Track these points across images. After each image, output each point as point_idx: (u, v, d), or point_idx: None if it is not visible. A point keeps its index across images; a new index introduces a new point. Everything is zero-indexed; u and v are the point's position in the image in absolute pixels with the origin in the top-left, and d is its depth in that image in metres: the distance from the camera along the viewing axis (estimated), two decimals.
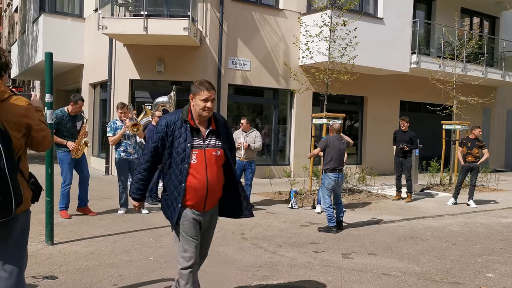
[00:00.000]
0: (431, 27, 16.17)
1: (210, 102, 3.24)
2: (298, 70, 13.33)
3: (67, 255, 5.12)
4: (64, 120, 6.95)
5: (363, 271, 5.03)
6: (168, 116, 3.34)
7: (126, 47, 12.54)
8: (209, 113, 3.27)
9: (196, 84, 3.30)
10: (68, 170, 7.02)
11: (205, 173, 3.21)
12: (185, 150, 3.18)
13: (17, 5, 21.17)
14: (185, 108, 3.35)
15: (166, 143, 3.24)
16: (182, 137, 3.21)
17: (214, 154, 3.26)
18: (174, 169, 3.21)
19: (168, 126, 3.24)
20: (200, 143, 3.25)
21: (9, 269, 2.68)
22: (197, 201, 3.24)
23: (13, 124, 2.62)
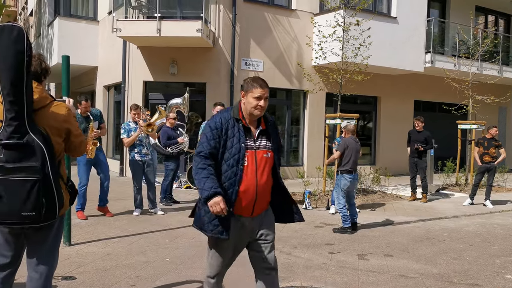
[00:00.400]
0: (446, 25, 16.02)
1: (263, 100, 3.04)
2: (311, 70, 13.29)
3: (85, 256, 5.17)
4: (78, 121, 7.02)
5: (379, 273, 5.00)
6: (220, 113, 3.14)
7: (140, 49, 12.63)
8: (261, 112, 3.07)
9: (248, 80, 3.12)
10: (84, 171, 7.10)
11: (255, 176, 3.02)
12: (239, 151, 2.99)
13: (32, 8, 21.44)
14: (235, 106, 3.15)
15: (221, 141, 3.02)
16: (236, 137, 3.02)
17: (264, 156, 3.08)
18: (225, 171, 2.99)
19: (223, 124, 3.04)
20: (251, 144, 3.07)
21: (41, 270, 2.73)
22: (245, 205, 3.03)
23: (54, 129, 2.70)
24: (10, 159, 2.51)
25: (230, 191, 2.97)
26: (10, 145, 2.51)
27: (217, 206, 2.86)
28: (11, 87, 2.50)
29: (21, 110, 2.53)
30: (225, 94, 12.50)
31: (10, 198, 2.51)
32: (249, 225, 3.10)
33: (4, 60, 2.49)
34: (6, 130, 2.52)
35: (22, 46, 2.50)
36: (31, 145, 2.54)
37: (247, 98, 3.06)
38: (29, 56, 2.55)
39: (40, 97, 2.70)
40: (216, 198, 2.86)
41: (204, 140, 3.05)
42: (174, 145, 8.66)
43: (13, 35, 2.49)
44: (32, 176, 2.51)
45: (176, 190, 10.06)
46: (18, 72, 2.50)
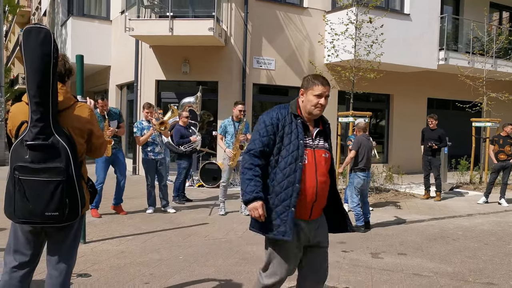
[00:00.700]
0: (459, 22, 15.84)
1: (324, 98, 2.91)
2: (323, 68, 13.24)
3: (99, 254, 5.22)
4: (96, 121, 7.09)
5: (393, 271, 4.97)
6: (276, 109, 2.99)
7: (152, 48, 12.69)
8: (321, 111, 2.94)
9: (309, 78, 2.98)
10: (102, 169, 7.16)
11: (315, 176, 2.88)
12: (298, 148, 2.84)
13: (46, 9, 21.66)
14: (293, 103, 3.02)
15: (276, 137, 2.89)
16: (294, 134, 2.87)
17: (323, 156, 2.95)
18: (283, 168, 2.84)
19: (279, 119, 2.91)
20: (310, 142, 2.93)
21: (61, 268, 2.77)
22: (304, 207, 2.88)
23: (78, 130, 2.74)
24: (36, 159, 2.54)
25: (289, 189, 2.82)
26: (36, 146, 2.54)
27: (256, 211, 2.78)
28: (37, 89, 2.53)
29: (47, 111, 2.56)
30: (237, 92, 12.51)
31: (34, 198, 2.54)
32: (306, 229, 2.94)
33: (31, 62, 2.52)
34: (31, 131, 2.55)
35: (49, 48, 2.53)
36: (56, 146, 2.57)
37: (306, 96, 2.94)
38: (56, 58, 2.58)
39: (65, 98, 2.73)
40: (255, 203, 2.78)
41: (256, 136, 2.91)
42: (187, 143, 8.69)
43: (40, 37, 2.51)
44: (57, 177, 2.55)
45: (188, 188, 10.11)
46: (44, 74, 2.53)
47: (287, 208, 2.81)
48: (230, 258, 5.24)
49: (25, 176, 2.54)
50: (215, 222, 7.09)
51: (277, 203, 2.84)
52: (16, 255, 2.74)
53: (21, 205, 2.56)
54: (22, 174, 2.54)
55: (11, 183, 2.58)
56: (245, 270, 4.80)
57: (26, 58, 2.53)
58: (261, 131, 2.90)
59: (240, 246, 5.75)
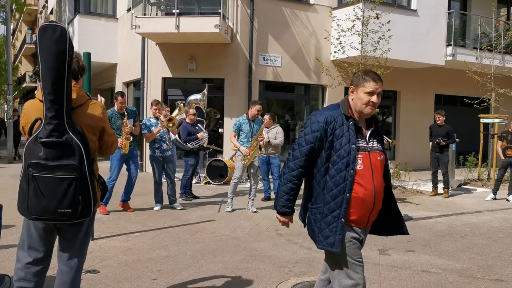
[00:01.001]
0: (467, 18, 15.73)
1: (376, 96, 2.70)
2: (330, 65, 13.19)
3: (107, 250, 5.24)
4: (114, 118, 7.14)
5: (401, 268, 4.95)
6: (326, 111, 2.78)
7: (158, 45, 12.70)
8: (373, 110, 2.73)
9: (359, 74, 2.77)
10: (117, 167, 7.19)
11: (372, 181, 2.68)
12: (349, 153, 2.64)
13: (53, 7, 21.74)
14: (343, 102, 2.81)
15: (325, 143, 2.68)
16: (345, 137, 2.66)
17: (378, 158, 2.76)
18: (333, 176, 2.65)
19: (328, 123, 2.69)
20: (364, 145, 2.73)
21: (72, 264, 2.78)
22: (362, 214, 2.70)
23: (90, 128, 2.75)
24: (50, 157, 2.55)
25: (339, 199, 2.64)
26: (50, 143, 2.55)
27: (281, 223, 2.94)
28: (52, 87, 2.54)
29: (61, 109, 2.57)
30: (244, 89, 12.50)
31: (48, 195, 2.56)
32: (363, 237, 2.79)
33: (46, 60, 2.53)
34: (46, 128, 2.56)
35: (64, 46, 2.54)
36: (70, 144, 2.58)
37: (357, 94, 2.73)
38: (71, 56, 2.59)
39: (78, 96, 2.74)
40: (283, 218, 2.89)
41: (302, 143, 2.73)
42: (194, 140, 8.70)
43: (56, 35, 2.52)
44: (70, 174, 2.56)
45: (195, 185, 10.12)
46: (59, 72, 2.54)
47: (336, 218, 2.66)
48: (237, 254, 5.25)
49: (39, 173, 2.55)
50: (222, 219, 7.10)
51: (326, 213, 2.69)
52: (31, 252, 2.76)
53: (34, 201, 2.58)
54: (36, 171, 2.55)
55: (24, 180, 2.60)
56: (252, 267, 4.81)
57: (41, 55, 2.54)
58: (307, 137, 2.71)
59: (247, 243, 5.75)
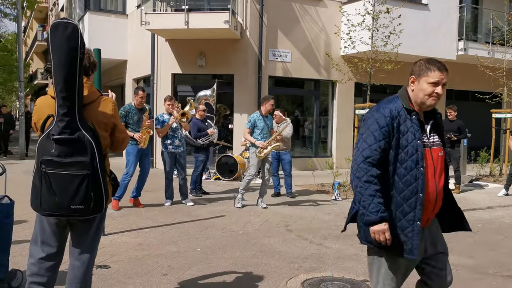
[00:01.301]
0: (479, 12, 15.55)
1: (440, 86, 2.49)
2: (340, 60, 13.13)
3: (118, 246, 5.27)
4: (131, 113, 7.19)
5: None
6: (387, 104, 2.56)
7: (168, 42, 12.72)
8: (436, 102, 2.53)
9: (422, 63, 2.54)
10: (133, 163, 7.24)
11: (434, 179, 2.51)
12: (417, 150, 2.44)
13: (63, 4, 21.87)
14: (402, 94, 2.59)
15: (392, 140, 2.47)
16: (411, 133, 2.46)
17: (440, 154, 2.58)
18: (403, 175, 2.45)
19: (394, 118, 2.48)
20: (426, 140, 2.54)
21: (83, 259, 2.81)
22: (425, 214, 2.50)
23: (102, 124, 2.76)
24: (62, 153, 2.57)
25: (412, 200, 2.44)
26: (62, 140, 2.56)
27: (382, 235, 2.40)
28: (64, 83, 2.55)
29: (73, 105, 2.58)
30: (253, 85, 12.49)
31: (61, 191, 2.58)
32: (424, 237, 2.58)
33: (58, 57, 2.53)
34: (58, 125, 2.58)
35: (76, 43, 2.54)
36: (82, 140, 2.59)
37: (419, 84, 2.51)
38: (82, 53, 2.60)
39: (89, 92, 2.75)
40: (382, 226, 2.39)
41: (371, 140, 2.47)
42: (204, 136, 8.72)
43: (68, 32, 2.52)
44: (82, 171, 2.58)
45: (205, 181, 10.15)
46: (71, 69, 2.55)
47: (411, 222, 2.43)
48: (247, 250, 5.25)
49: (52, 170, 2.57)
50: (232, 215, 7.11)
51: (399, 217, 2.46)
52: (44, 247, 2.78)
53: (47, 198, 2.60)
54: (49, 168, 2.57)
55: (37, 176, 2.61)
56: (262, 262, 4.81)
57: (53, 52, 2.54)
58: (376, 134, 2.46)
59: (257, 239, 5.76)
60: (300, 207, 7.95)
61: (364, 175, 2.45)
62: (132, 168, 7.23)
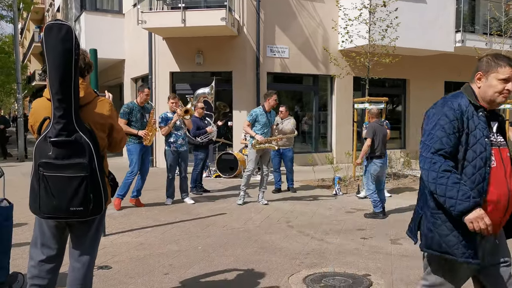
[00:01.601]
0: (476, 3, 15.49)
1: (511, 83, 2.37)
2: (338, 55, 13.10)
3: (119, 246, 5.27)
4: (134, 111, 7.17)
5: (413, 257, 4.92)
6: (455, 98, 2.44)
7: (165, 40, 12.70)
8: (506, 99, 2.42)
9: (489, 58, 2.43)
10: (137, 161, 7.20)
11: (506, 181, 2.34)
12: (485, 148, 2.33)
13: (59, 4, 21.82)
14: (467, 91, 2.47)
15: (462, 135, 2.36)
16: (479, 130, 2.35)
17: (507, 155, 2.43)
18: (471, 175, 2.32)
19: (463, 113, 2.37)
20: (493, 139, 2.41)
21: (83, 260, 2.80)
22: (495, 219, 2.31)
23: (99, 125, 2.75)
24: (59, 156, 2.56)
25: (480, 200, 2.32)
26: (59, 143, 2.56)
27: (481, 221, 2.22)
28: (59, 86, 2.54)
29: (69, 107, 2.57)
30: (252, 82, 12.47)
31: (59, 194, 2.57)
32: (490, 244, 2.43)
33: (53, 58, 2.52)
34: (54, 127, 2.57)
35: (70, 44, 2.53)
36: (79, 142, 2.58)
37: (487, 81, 2.40)
38: (77, 55, 2.58)
39: (86, 94, 2.74)
40: (478, 211, 2.21)
41: (441, 133, 2.35)
42: (204, 134, 8.72)
43: (62, 33, 2.51)
44: (80, 173, 2.57)
45: (205, 179, 10.15)
46: (66, 71, 2.53)
47: None
48: (249, 247, 5.25)
49: (50, 173, 2.56)
50: (233, 212, 7.11)
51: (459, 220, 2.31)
52: (44, 249, 2.78)
53: (46, 201, 2.59)
54: (47, 170, 2.56)
55: (35, 179, 2.61)
56: (263, 259, 4.81)
57: (47, 54, 2.53)
58: (446, 127, 2.34)
59: (259, 236, 5.76)
60: (301, 202, 7.95)
61: (442, 165, 2.30)
62: (136, 167, 7.20)
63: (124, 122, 6.97)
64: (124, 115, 7.07)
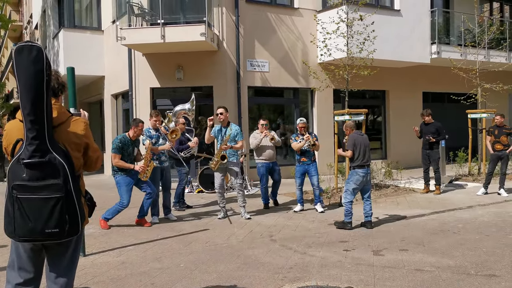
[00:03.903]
0: (450, 15, 15.88)
1: None
2: (317, 68, 13.24)
3: (99, 266, 5.20)
4: (126, 145, 7.01)
5: (395, 268, 4.96)
6: None
7: (145, 56, 12.68)
8: None
9: None
10: (127, 192, 7.00)
11: None
12: None
13: (37, 22, 21.65)
14: None
15: None
16: None
17: None
18: None
19: None
20: None
21: (60, 283, 2.77)
22: None
23: (74, 145, 2.73)
24: (33, 177, 2.53)
25: None
26: (32, 164, 2.53)
27: None
28: (31, 107, 2.51)
29: (42, 128, 2.55)
30: (232, 96, 12.51)
31: (34, 216, 2.54)
32: None
33: (24, 80, 2.50)
34: (27, 149, 2.54)
35: (41, 65, 2.51)
36: (53, 163, 2.55)
37: None
38: (49, 75, 2.56)
39: (59, 114, 2.72)
40: None
41: None
42: (186, 149, 8.74)
43: (32, 55, 2.50)
44: (55, 194, 2.54)
45: (188, 194, 10.08)
46: (38, 92, 2.51)
47: None
48: (232, 263, 5.23)
49: (24, 195, 2.53)
50: (216, 228, 7.07)
51: None
52: (21, 272, 2.74)
53: (21, 223, 2.55)
54: (21, 192, 2.53)
55: (9, 202, 2.58)
56: (246, 275, 4.79)
57: (19, 76, 2.51)
58: None
59: (242, 251, 5.74)
60: (284, 215, 7.96)
61: None
62: (126, 198, 6.99)
63: (118, 157, 6.86)
64: (118, 150, 6.86)
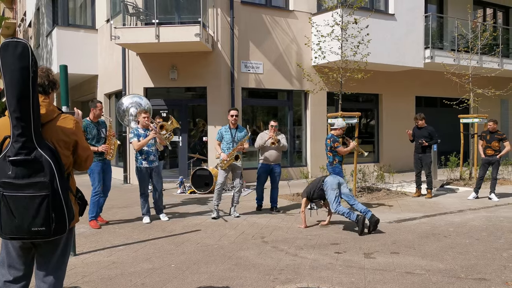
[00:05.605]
0: (444, 20, 15.98)
1: None
2: (311, 70, 13.28)
3: (90, 265, 5.17)
4: (89, 128, 7.05)
5: (386, 271, 4.97)
6: None
7: (139, 56, 12.65)
8: None
9: None
10: (98, 180, 7.10)
11: None
12: None
13: (31, 19, 21.53)
14: None
15: None
16: None
17: None
18: None
19: None
20: None
21: (49, 281, 2.75)
22: None
23: (62, 142, 2.71)
24: (19, 175, 2.52)
25: None
26: (18, 162, 2.51)
27: None
28: (17, 104, 2.50)
29: (28, 126, 2.53)
30: (226, 97, 12.50)
31: (20, 214, 2.52)
32: None
33: (10, 77, 2.48)
34: (13, 146, 2.52)
35: (27, 62, 2.49)
36: (39, 161, 2.54)
37: None
38: (34, 72, 2.54)
39: (47, 111, 2.71)
40: None
41: None
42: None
43: (18, 51, 2.48)
44: (41, 192, 2.52)
45: (180, 195, 10.07)
46: (24, 88, 2.49)
47: None
48: (223, 264, 5.22)
49: (10, 192, 2.52)
50: (207, 229, 7.06)
51: None
52: (11, 270, 2.73)
53: (7, 221, 2.54)
54: (7, 190, 2.52)
55: None
56: (237, 276, 4.78)
57: (4, 73, 2.49)
58: None
59: (233, 252, 5.73)
60: (276, 217, 7.96)
61: None
62: (98, 185, 7.09)
63: None
64: None
